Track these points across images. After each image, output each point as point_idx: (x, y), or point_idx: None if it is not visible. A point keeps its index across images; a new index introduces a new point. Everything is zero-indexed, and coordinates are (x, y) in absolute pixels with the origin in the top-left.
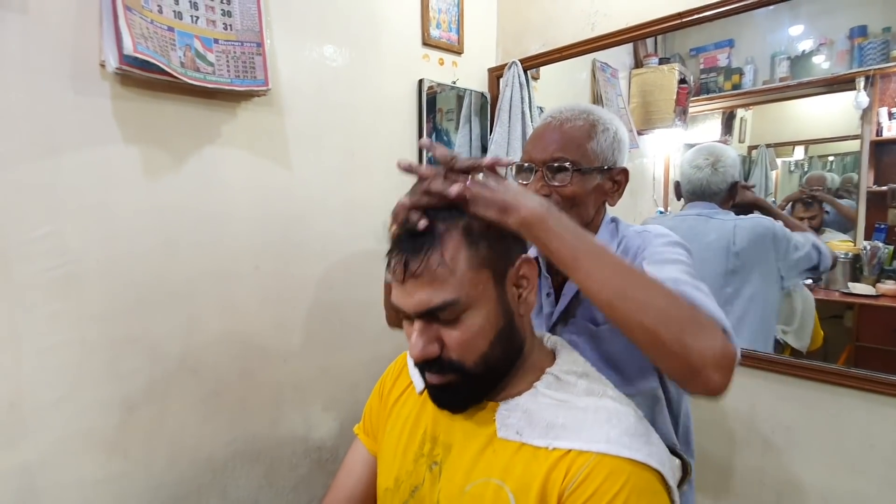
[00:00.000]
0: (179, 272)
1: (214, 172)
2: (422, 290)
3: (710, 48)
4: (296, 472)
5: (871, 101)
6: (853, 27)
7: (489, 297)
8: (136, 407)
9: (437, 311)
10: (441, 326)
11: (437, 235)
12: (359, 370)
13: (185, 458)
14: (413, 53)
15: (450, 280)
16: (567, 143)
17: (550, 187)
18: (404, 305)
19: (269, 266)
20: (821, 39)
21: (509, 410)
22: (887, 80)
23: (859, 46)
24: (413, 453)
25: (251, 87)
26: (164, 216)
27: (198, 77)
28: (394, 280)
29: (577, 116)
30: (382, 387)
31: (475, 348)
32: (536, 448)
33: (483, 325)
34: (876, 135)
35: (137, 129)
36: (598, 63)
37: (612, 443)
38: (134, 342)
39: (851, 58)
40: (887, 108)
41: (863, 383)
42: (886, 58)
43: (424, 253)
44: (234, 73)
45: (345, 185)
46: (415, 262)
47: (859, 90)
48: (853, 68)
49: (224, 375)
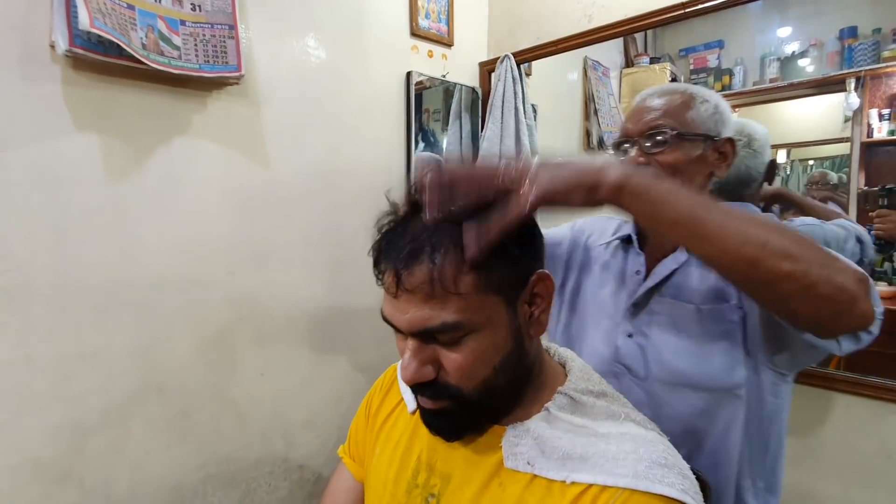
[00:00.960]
0: (142, 279)
1: (182, 168)
2: (418, 307)
3: (700, 48)
4: (274, 495)
5: (861, 103)
6: (843, 28)
7: (498, 321)
8: (91, 431)
9: (436, 332)
10: (438, 347)
11: (441, 245)
12: (342, 383)
13: (149, 486)
14: (401, 45)
15: (452, 300)
16: (664, 112)
17: (648, 156)
18: (396, 321)
19: (244, 272)
20: (811, 40)
21: (518, 437)
22: (878, 81)
23: (849, 47)
24: (406, 483)
25: (222, 73)
26: (124, 217)
27: (162, 62)
28: (385, 292)
29: (674, 91)
30: (369, 405)
31: (476, 375)
32: (551, 482)
33: (488, 349)
34: (867, 136)
35: (93, 119)
36: (590, 61)
37: (641, 477)
38: (88, 359)
39: (842, 59)
40: (877, 110)
41: (879, 392)
42: (877, 59)
43: (423, 265)
44: (202, 57)
45: (329, 185)
46: (412, 276)
47: (850, 91)
48: (843, 69)
49: (194, 393)
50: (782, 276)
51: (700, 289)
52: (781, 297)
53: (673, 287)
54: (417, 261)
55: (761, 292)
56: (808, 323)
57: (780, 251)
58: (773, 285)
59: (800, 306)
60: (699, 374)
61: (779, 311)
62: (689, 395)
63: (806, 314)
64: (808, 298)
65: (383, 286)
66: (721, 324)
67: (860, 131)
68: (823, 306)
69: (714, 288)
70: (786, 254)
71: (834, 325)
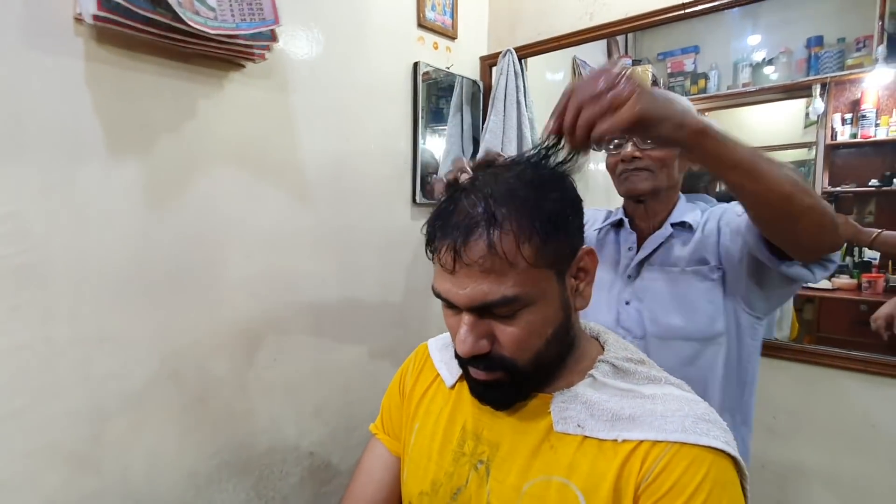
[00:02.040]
0: (160, 263)
1: (199, 151)
2: (477, 281)
3: (677, 53)
4: (286, 482)
5: (826, 108)
6: (810, 37)
7: (551, 293)
8: (110, 417)
9: (494, 306)
10: (494, 321)
11: (499, 221)
12: (351, 370)
13: (165, 473)
14: (408, 35)
15: (510, 274)
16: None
17: (642, 151)
18: (453, 297)
19: (259, 257)
20: (780, 48)
21: (566, 402)
22: (841, 87)
23: (816, 55)
24: (451, 453)
25: (260, 28)
26: (143, 198)
27: (199, 21)
28: (441, 268)
29: None
30: (402, 383)
31: (530, 346)
32: (602, 441)
33: (541, 322)
34: (830, 139)
35: (113, 99)
36: (579, 60)
37: (689, 431)
38: (107, 343)
39: (809, 66)
40: (840, 114)
41: (866, 365)
42: (841, 66)
43: (482, 240)
44: (238, 16)
45: (338, 172)
46: (470, 251)
47: (815, 97)
48: (810, 76)
49: (209, 379)
50: (805, 208)
51: (683, 256)
52: (800, 226)
53: (660, 257)
54: (476, 236)
55: (786, 222)
56: (806, 247)
57: (804, 189)
58: (798, 216)
59: (808, 233)
60: (688, 327)
61: (789, 239)
62: (679, 346)
63: (808, 240)
64: (816, 226)
65: (439, 263)
66: (703, 282)
67: (825, 134)
68: (821, 229)
69: (694, 253)
70: (807, 192)
71: (823, 247)
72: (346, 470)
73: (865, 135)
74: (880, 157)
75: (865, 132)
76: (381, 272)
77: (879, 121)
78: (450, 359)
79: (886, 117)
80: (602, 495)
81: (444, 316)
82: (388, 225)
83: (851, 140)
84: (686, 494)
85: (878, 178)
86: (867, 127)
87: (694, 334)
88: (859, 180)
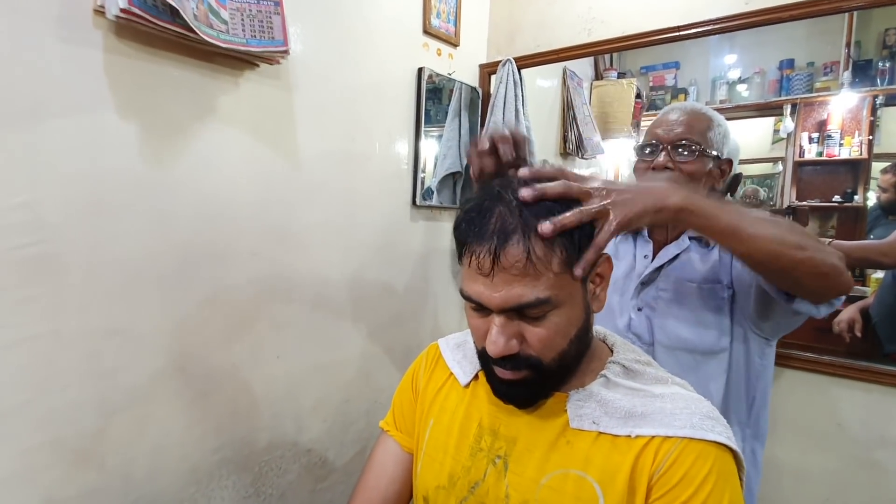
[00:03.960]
0: (170, 258)
1: (212, 147)
2: (512, 284)
3: (658, 68)
4: (284, 479)
5: (795, 127)
6: (783, 59)
7: (576, 297)
8: (116, 411)
9: (527, 307)
10: (522, 322)
11: (531, 229)
12: (350, 368)
13: (168, 469)
14: (414, 41)
15: (543, 278)
16: (692, 128)
17: (675, 163)
18: (486, 299)
19: (266, 254)
20: (755, 68)
21: (581, 401)
22: (810, 108)
23: (787, 77)
24: (468, 448)
25: (268, 48)
26: (157, 192)
27: (211, 34)
28: (474, 271)
29: (698, 110)
30: (415, 381)
31: (556, 346)
32: (616, 437)
33: (567, 323)
34: (799, 156)
35: (131, 91)
36: (569, 71)
37: (697, 428)
38: (117, 335)
39: (780, 87)
40: (808, 134)
41: (833, 369)
42: (810, 88)
43: (520, 244)
44: (249, 32)
45: (345, 172)
46: (508, 255)
47: (786, 116)
48: (782, 96)
49: (214, 374)
50: (796, 262)
51: (699, 270)
52: (795, 277)
53: (676, 268)
54: (514, 241)
55: (780, 275)
56: (810, 292)
57: (794, 244)
58: (790, 270)
59: (807, 281)
60: (696, 340)
61: (790, 286)
62: (683, 357)
63: (809, 286)
64: (813, 276)
65: (473, 265)
66: (714, 300)
67: (794, 152)
68: (822, 279)
69: (710, 270)
70: (798, 246)
71: (828, 292)
72: (341, 467)
73: (830, 153)
74: (842, 175)
75: (830, 151)
76: (380, 272)
77: (843, 141)
78: (462, 358)
79: (849, 138)
80: (618, 487)
81: (468, 318)
82: (389, 225)
83: (818, 158)
84: (695, 485)
85: (840, 194)
86: (832, 146)
87: (699, 347)
88: (823, 196)
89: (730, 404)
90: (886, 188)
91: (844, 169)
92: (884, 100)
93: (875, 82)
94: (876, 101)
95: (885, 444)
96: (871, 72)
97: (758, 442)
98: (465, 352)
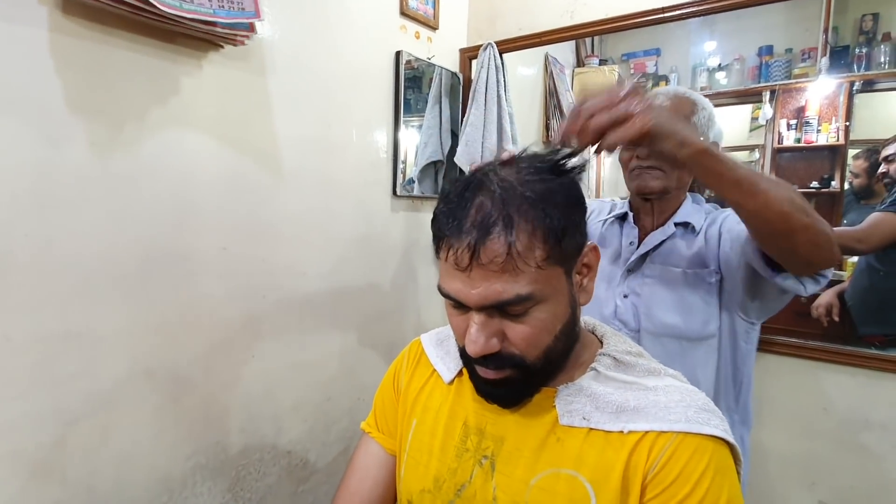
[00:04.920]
0: (131, 253)
1: (175, 134)
2: (491, 280)
3: (640, 55)
4: (263, 482)
5: (774, 114)
6: (762, 46)
7: (560, 291)
8: (76, 420)
9: (507, 305)
10: (504, 320)
11: (515, 221)
12: (331, 365)
13: (136, 479)
14: (390, 23)
15: (523, 273)
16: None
17: None
18: (464, 296)
19: (237, 248)
20: (735, 55)
21: (571, 396)
22: (788, 94)
23: (766, 63)
24: (454, 448)
25: (238, 19)
26: (113, 184)
27: (173, 4)
28: (452, 267)
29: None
30: (397, 379)
31: (540, 343)
32: (608, 433)
33: (551, 319)
34: (777, 143)
35: (81, 74)
36: (551, 58)
37: (692, 421)
38: (73, 340)
39: (760, 73)
40: (786, 120)
41: (819, 353)
42: (789, 75)
43: (500, 238)
44: (216, 2)
45: (320, 161)
46: (487, 250)
47: (765, 103)
48: (761, 83)
49: (184, 378)
50: (801, 226)
51: (685, 256)
52: (794, 241)
53: (662, 255)
54: (493, 235)
55: (781, 238)
56: (802, 261)
57: (801, 208)
58: (792, 233)
59: (803, 249)
60: (683, 326)
61: (785, 252)
62: (670, 343)
63: (804, 254)
64: (811, 244)
65: (450, 260)
66: (701, 285)
67: (772, 138)
68: (818, 249)
69: (696, 256)
70: (804, 210)
71: (819, 262)
72: (323, 468)
73: (808, 140)
74: (820, 161)
75: (808, 138)
76: (360, 264)
77: (821, 127)
78: (445, 354)
79: (826, 124)
80: (611, 486)
81: (448, 315)
82: (369, 216)
83: (796, 145)
84: (692, 482)
85: (817, 180)
86: (810, 133)
87: (687, 334)
88: (801, 182)
89: (720, 391)
90: (858, 173)
91: (822, 155)
92: (860, 86)
93: (852, 68)
94: (853, 87)
95: (869, 427)
96: (848, 58)
97: (745, 427)
98: (449, 347)
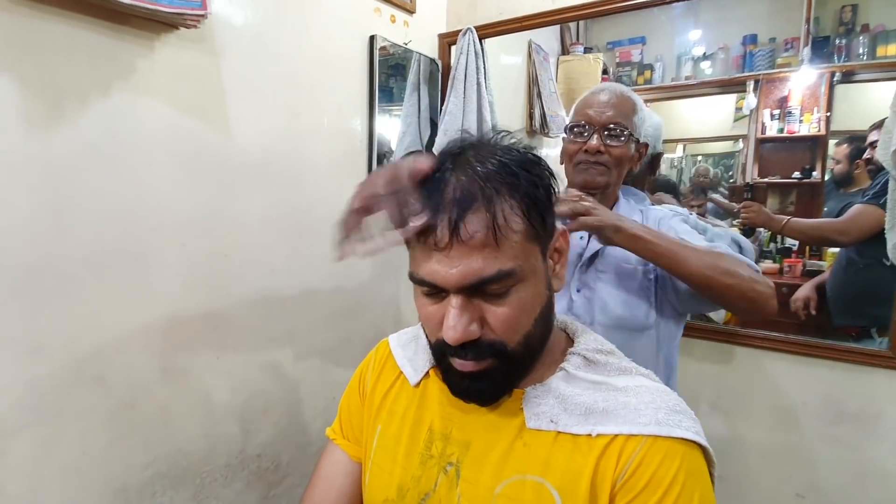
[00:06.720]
0: (75, 250)
1: (123, 121)
2: (471, 257)
3: (625, 43)
4: (231, 489)
5: (757, 103)
6: (746, 35)
7: (538, 270)
8: (14, 432)
9: (489, 282)
10: (483, 302)
11: (492, 196)
12: (302, 365)
13: (87, 493)
14: (364, 5)
15: (504, 248)
16: (621, 112)
17: (606, 146)
18: (441, 278)
19: (197, 243)
20: (719, 44)
21: (539, 398)
22: (772, 84)
23: (750, 53)
24: (418, 455)
25: (183, 9)
26: (54, 174)
27: None
28: (430, 248)
29: (625, 93)
30: (362, 383)
31: (521, 326)
32: (576, 436)
33: (531, 299)
34: (760, 133)
35: (15, 54)
36: (534, 45)
37: (662, 424)
38: (9, 345)
39: (744, 63)
40: (769, 110)
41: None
42: (772, 65)
43: (481, 212)
44: None
45: (288, 151)
46: (469, 224)
47: (749, 92)
48: (745, 72)
49: (140, 382)
50: (725, 287)
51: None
52: (725, 299)
53: (612, 249)
54: (474, 209)
55: (712, 296)
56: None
57: (724, 271)
58: (720, 293)
59: (736, 304)
60: (631, 318)
61: (722, 304)
62: (617, 335)
63: (739, 308)
64: (742, 300)
65: (428, 242)
66: (644, 279)
67: (756, 129)
68: (750, 304)
69: None
70: (728, 273)
71: (753, 314)
72: (296, 470)
73: (791, 130)
74: (802, 151)
75: (791, 128)
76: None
77: (803, 117)
78: (413, 355)
79: (808, 114)
80: (579, 493)
81: (419, 307)
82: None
83: (778, 135)
84: (663, 487)
85: (799, 170)
86: (792, 123)
87: (631, 324)
88: (784, 173)
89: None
90: (840, 160)
91: (804, 145)
92: (840, 77)
93: (832, 59)
94: (833, 78)
95: (845, 420)
96: (829, 48)
97: None
98: (418, 347)
